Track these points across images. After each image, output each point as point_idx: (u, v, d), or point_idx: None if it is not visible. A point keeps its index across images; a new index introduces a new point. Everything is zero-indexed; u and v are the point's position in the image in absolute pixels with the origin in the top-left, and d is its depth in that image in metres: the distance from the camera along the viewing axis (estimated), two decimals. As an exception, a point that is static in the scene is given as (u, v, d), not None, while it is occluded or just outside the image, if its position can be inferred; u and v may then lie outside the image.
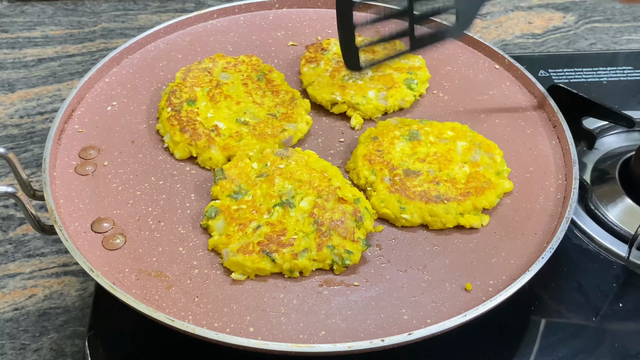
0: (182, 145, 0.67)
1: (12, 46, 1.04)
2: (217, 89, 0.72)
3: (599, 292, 0.68)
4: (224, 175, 0.63)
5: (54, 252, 0.76)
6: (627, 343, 0.63)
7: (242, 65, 0.76)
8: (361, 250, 0.58)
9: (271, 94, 0.72)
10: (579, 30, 1.13)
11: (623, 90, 0.94)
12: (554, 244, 0.59)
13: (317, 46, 0.79)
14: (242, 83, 0.73)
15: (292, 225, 0.59)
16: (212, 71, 0.74)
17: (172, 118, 0.69)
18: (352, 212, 0.60)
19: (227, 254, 0.57)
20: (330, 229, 0.58)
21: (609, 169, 0.79)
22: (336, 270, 0.58)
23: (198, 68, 0.75)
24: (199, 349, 0.59)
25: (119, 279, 0.57)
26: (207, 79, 0.73)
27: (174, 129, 0.68)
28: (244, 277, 0.57)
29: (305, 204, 0.60)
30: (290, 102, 0.71)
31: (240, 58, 0.77)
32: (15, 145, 0.88)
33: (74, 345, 0.68)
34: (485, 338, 0.62)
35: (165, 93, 0.72)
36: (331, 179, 0.62)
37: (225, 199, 0.61)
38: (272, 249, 0.57)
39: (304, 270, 0.57)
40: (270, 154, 0.65)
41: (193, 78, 0.73)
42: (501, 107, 0.76)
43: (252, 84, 0.73)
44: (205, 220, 0.60)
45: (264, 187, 0.62)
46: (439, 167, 0.65)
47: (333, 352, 0.52)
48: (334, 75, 0.75)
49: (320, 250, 0.57)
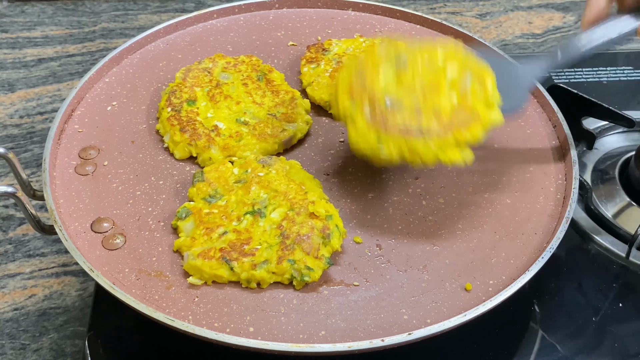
0: (182, 145, 0.67)
1: (12, 46, 1.04)
2: (217, 89, 0.72)
3: (599, 292, 0.68)
4: (203, 177, 0.62)
5: (54, 252, 0.76)
6: (627, 343, 0.63)
7: (242, 65, 0.75)
8: (322, 268, 0.57)
9: (271, 94, 0.72)
10: (578, 30, 1.13)
11: (623, 90, 0.94)
12: (554, 244, 0.59)
13: (318, 46, 0.79)
14: (242, 83, 0.73)
15: (258, 235, 0.58)
16: (212, 71, 0.74)
17: (172, 118, 0.68)
18: (321, 228, 0.58)
19: (188, 256, 0.57)
20: (295, 243, 0.57)
21: (609, 169, 0.79)
22: (296, 286, 0.57)
23: (198, 68, 0.74)
24: (199, 349, 0.59)
25: (119, 279, 0.57)
26: (207, 79, 0.73)
27: (174, 128, 0.67)
28: (200, 283, 0.56)
29: (276, 215, 0.59)
30: (290, 102, 0.71)
31: (240, 58, 0.76)
32: (15, 145, 0.88)
33: (74, 345, 0.68)
34: (485, 338, 0.62)
35: (165, 93, 0.72)
36: (308, 192, 0.61)
37: (200, 201, 0.61)
38: (232, 256, 0.56)
39: (261, 281, 0.56)
40: (252, 160, 0.64)
41: (193, 78, 0.73)
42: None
43: (252, 84, 0.73)
44: (175, 220, 0.60)
45: (239, 193, 0.61)
46: (424, 96, 0.59)
47: (333, 352, 0.52)
48: (333, 75, 0.74)
49: (280, 264, 0.56)
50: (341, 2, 0.88)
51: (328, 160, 0.69)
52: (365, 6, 0.89)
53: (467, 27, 1.12)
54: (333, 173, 0.67)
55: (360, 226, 0.63)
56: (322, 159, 0.69)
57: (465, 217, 0.64)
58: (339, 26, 0.86)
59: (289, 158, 0.67)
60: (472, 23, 1.14)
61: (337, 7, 0.89)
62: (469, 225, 0.63)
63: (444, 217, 0.64)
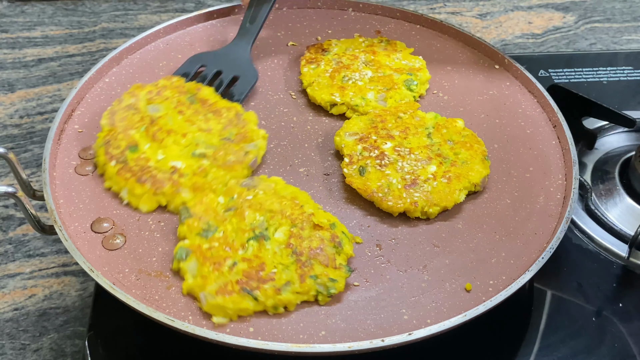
0: (147, 197, 0.61)
1: (12, 46, 1.04)
2: (154, 126, 0.65)
3: (599, 292, 0.68)
4: (190, 213, 0.59)
5: (54, 252, 0.76)
6: (627, 343, 0.63)
7: (166, 91, 0.69)
8: (345, 277, 0.56)
9: (213, 115, 0.67)
10: (579, 30, 1.13)
11: (623, 90, 0.94)
12: (554, 244, 0.59)
13: (318, 47, 0.79)
14: (177, 111, 0.67)
15: (269, 258, 0.55)
16: (137, 107, 0.67)
17: (121, 171, 0.62)
18: (330, 238, 0.57)
19: (206, 297, 0.54)
20: (311, 258, 0.56)
21: (609, 169, 0.79)
22: (321, 301, 0.56)
23: (121, 108, 0.67)
24: (199, 349, 0.59)
25: (119, 279, 0.57)
26: (137, 118, 0.66)
27: (130, 182, 0.62)
28: (226, 321, 0.54)
29: (280, 234, 0.57)
30: (237, 119, 0.66)
31: (160, 83, 0.70)
32: (15, 145, 0.88)
33: (74, 345, 0.68)
34: (485, 338, 0.62)
35: (99, 146, 0.65)
36: (303, 205, 0.59)
37: (195, 238, 0.57)
38: (252, 286, 0.54)
39: (288, 305, 0.55)
40: (235, 185, 0.61)
41: (121, 121, 0.66)
42: (501, 107, 0.76)
43: (187, 109, 0.67)
44: (175, 263, 0.57)
45: (234, 221, 0.58)
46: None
47: (333, 352, 0.52)
48: (333, 76, 0.74)
49: (304, 282, 0.55)
50: (341, 2, 0.88)
51: (328, 160, 0.69)
52: (365, 6, 0.89)
53: (467, 27, 1.12)
54: (333, 173, 0.67)
55: (360, 226, 0.63)
56: (322, 159, 0.69)
57: (465, 217, 0.64)
58: (339, 26, 0.86)
59: (290, 161, 0.67)
60: (472, 23, 1.14)
61: (337, 7, 0.89)
62: (469, 225, 0.63)
63: (444, 217, 0.64)
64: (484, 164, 0.66)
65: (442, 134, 0.68)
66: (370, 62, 0.77)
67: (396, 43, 0.80)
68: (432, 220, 0.63)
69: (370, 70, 0.76)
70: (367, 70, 0.76)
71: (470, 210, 0.64)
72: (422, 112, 0.70)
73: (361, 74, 0.75)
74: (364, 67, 0.76)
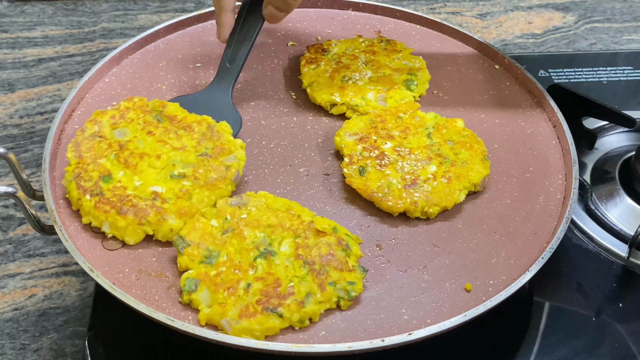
0: (132, 228, 0.58)
1: (12, 46, 1.04)
2: (124, 151, 0.62)
3: (599, 292, 0.68)
4: (186, 242, 0.57)
5: (54, 252, 0.76)
6: (627, 343, 0.63)
7: (129, 113, 0.65)
8: (361, 277, 0.56)
9: (184, 131, 0.63)
10: (579, 30, 1.13)
11: (623, 90, 0.94)
12: (554, 244, 0.59)
13: (318, 47, 0.79)
14: (146, 132, 0.63)
15: (282, 273, 0.55)
16: (102, 134, 0.64)
17: (99, 204, 0.58)
18: (336, 242, 0.57)
19: (229, 323, 0.52)
20: (324, 265, 0.55)
21: (609, 169, 0.79)
22: (343, 306, 0.55)
23: (85, 138, 0.64)
24: (199, 349, 0.59)
25: (119, 279, 0.57)
26: (104, 146, 0.63)
27: (111, 214, 0.58)
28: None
29: (286, 247, 0.57)
30: (210, 131, 0.63)
31: (122, 106, 0.66)
32: (15, 145, 0.88)
33: (74, 345, 0.68)
34: (485, 338, 0.62)
35: (69, 181, 0.61)
36: (300, 215, 0.59)
37: (199, 266, 0.56)
38: (274, 303, 0.53)
39: (313, 316, 0.54)
40: (225, 205, 0.59)
41: (88, 151, 0.62)
42: (501, 107, 0.76)
43: (156, 128, 0.64)
44: (186, 295, 0.55)
45: (234, 242, 0.57)
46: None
47: (333, 352, 0.52)
48: (333, 76, 0.74)
49: (325, 290, 0.54)
50: (341, 2, 0.88)
51: (328, 160, 0.69)
52: (365, 6, 0.89)
53: (467, 27, 1.12)
54: (333, 173, 0.67)
55: (360, 226, 0.63)
56: (322, 159, 0.69)
57: (465, 217, 0.64)
58: (339, 26, 0.86)
59: (290, 161, 0.67)
60: (472, 23, 1.14)
61: (337, 7, 0.89)
62: (469, 225, 0.63)
63: (444, 217, 0.64)
64: (484, 164, 0.66)
65: (442, 134, 0.68)
66: (370, 62, 0.77)
67: (396, 43, 0.80)
68: (432, 220, 0.63)
69: (370, 70, 0.76)
70: (367, 70, 0.76)
71: (470, 210, 0.64)
72: (422, 112, 0.70)
73: (361, 74, 0.75)
74: (364, 67, 0.76)
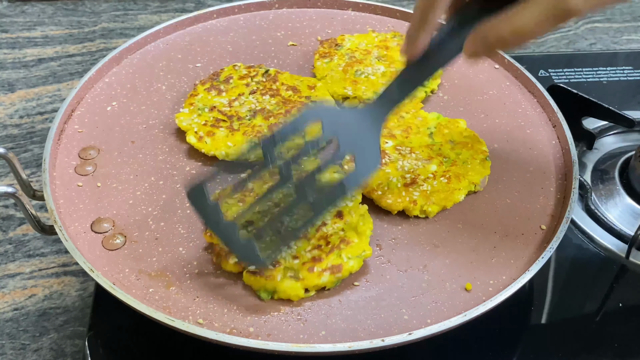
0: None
1: (12, 46, 1.04)
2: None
3: (599, 292, 0.68)
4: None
5: (54, 252, 0.76)
6: (627, 343, 0.63)
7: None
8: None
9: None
10: (579, 30, 1.13)
11: (623, 90, 0.94)
12: (554, 244, 0.59)
13: (331, 42, 0.80)
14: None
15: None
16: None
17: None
18: None
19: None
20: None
21: (609, 169, 0.79)
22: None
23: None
24: (199, 349, 0.59)
25: (119, 279, 0.57)
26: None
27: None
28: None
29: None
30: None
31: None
32: (15, 145, 0.88)
33: (74, 345, 0.68)
34: (485, 338, 0.62)
35: None
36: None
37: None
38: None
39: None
40: None
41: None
42: (501, 107, 0.76)
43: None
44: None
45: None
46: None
47: (333, 352, 0.52)
48: (346, 70, 0.75)
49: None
50: (341, 2, 0.89)
51: (328, 160, 0.69)
52: (365, 6, 0.89)
53: (467, 27, 1.12)
54: (333, 173, 0.67)
55: (360, 226, 0.63)
56: (322, 159, 0.69)
57: (466, 217, 0.64)
58: (339, 26, 0.86)
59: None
60: (472, 23, 1.14)
61: (337, 7, 0.89)
62: (469, 225, 0.63)
63: (444, 217, 0.64)
64: (484, 164, 0.66)
65: (444, 134, 0.68)
66: (383, 57, 0.77)
67: None
68: (432, 220, 0.63)
69: (383, 65, 0.76)
70: (379, 65, 0.76)
71: (470, 210, 0.64)
72: (424, 112, 0.70)
73: (374, 68, 0.75)
74: (377, 62, 0.76)
